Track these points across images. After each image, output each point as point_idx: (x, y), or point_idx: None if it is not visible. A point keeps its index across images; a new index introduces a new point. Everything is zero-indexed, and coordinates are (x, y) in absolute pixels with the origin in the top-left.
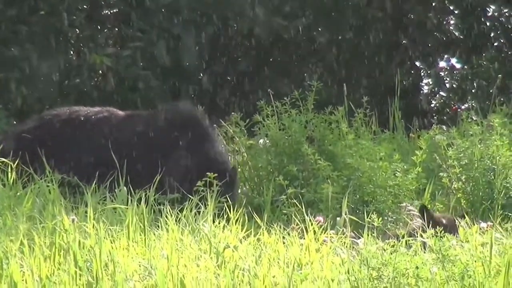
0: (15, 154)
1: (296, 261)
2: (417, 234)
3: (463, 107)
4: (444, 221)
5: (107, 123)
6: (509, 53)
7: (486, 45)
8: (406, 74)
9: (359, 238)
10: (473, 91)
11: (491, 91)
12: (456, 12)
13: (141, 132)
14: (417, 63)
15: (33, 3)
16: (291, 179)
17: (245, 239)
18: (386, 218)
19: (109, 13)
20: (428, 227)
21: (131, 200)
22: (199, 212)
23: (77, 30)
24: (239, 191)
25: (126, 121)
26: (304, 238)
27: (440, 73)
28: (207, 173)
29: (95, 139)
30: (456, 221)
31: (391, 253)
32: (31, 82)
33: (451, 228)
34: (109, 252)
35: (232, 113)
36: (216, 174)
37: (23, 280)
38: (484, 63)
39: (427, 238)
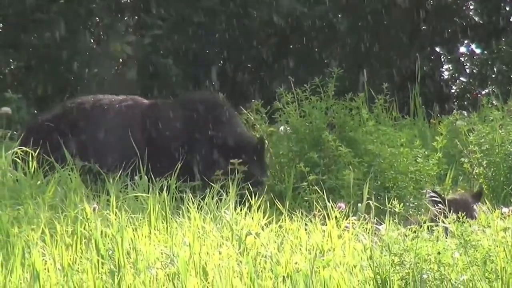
0: (37, 143)
1: (318, 247)
2: (438, 219)
3: (483, 92)
4: (457, 201)
5: (131, 111)
6: None
7: (506, 30)
8: (426, 60)
9: (381, 224)
10: (493, 76)
11: (511, 76)
12: None
13: (164, 120)
14: (437, 49)
15: None
16: (312, 166)
17: (267, 226)
18: (407, 204)
19: (129, 1)
20: (444, 209)
21: (153, 188)
22: (221, 200)
23: (97, 18)
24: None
25: (150, 109)
26: (326, 225)
27: (460, 58)
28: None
29: (119, 128)
30: (471, 198)
31: (413, 239)
32: (51, 71)
33: (465, 206)
34: (131, 240)
35: (253, 100)
36: (240, 160)
37: (45, 269)
38: (504, 48)
39: (449, 223)
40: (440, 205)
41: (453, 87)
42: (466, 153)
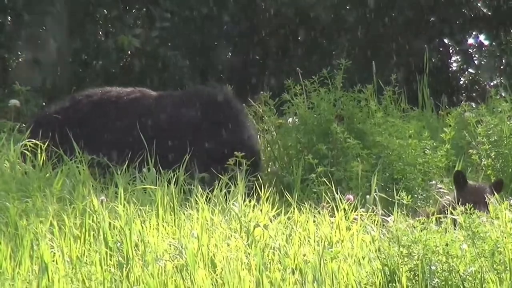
0: (46, 135)
1: (326, 239)
2: (447, 211)
3: (491, 83)
4: (476, 190)
5: (139, 104)
6: None
7: None
8: (435, 51)
9: (389, 216)
10: (501, 67)
11: None
12: None
13: (172, 112)
14: (446, 40)
15: None
16: (320, 157)
17: (275, 218)
18: (415, 195)
19: None
20: (460, 194)
21: (161, 181)
22: (229, 192)
23: (105, 10)
24: (263, 174)
25: (157, 101)
26: (334, 217)
27: (469, 50)
28: (234, 154)
29: (127, 120)
30: (489, 189)
31: (421, 231)
32: (59, 63)
33: (482, 198)
34: (139, 232)
35: (261, 92)
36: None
37: (53, 261)
38: None
39: (457, 215)
40: (448, 196)
41: (462, 78)
42: (474, 145)
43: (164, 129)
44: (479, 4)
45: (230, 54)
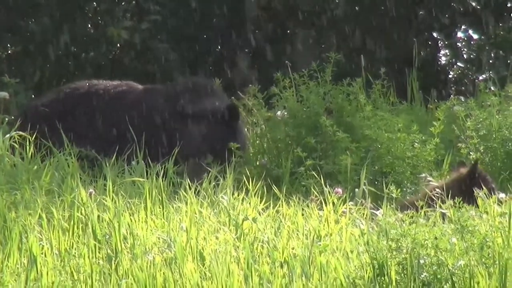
0: (34, 127)
1: (315, 232)
2: (435, 204)
3: (480, 77)
4: (491, 184)
5: (126, 97)
6: None
7: (503, 15)
8: (424, 45)
9: (378, 209)
10: (490, 61)
11: (508, 61)
12: None
13: (159, 106)
14: (435, 34)
15: None
16: (309, 151)
17: (264, 211)
18: (404, 189)
19: None
20: (475, 185)
21: (150, 173)
22: (217, 185)
23: (94, 3)
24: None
25: (144, 95)
26: (323, 210)
27: (458, 43)
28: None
29: (114, 113)
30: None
31: (410, 224)
32: (49, 56)
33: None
34: (128, 225)
35: (250, 85)
36: (238, 146)
37: (42, 254)
38: (502, 33)
39: (446, 208)
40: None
41: (451, 72)
42: (463, 139)
43: (152, 121)
44: None
45: (219, 47)
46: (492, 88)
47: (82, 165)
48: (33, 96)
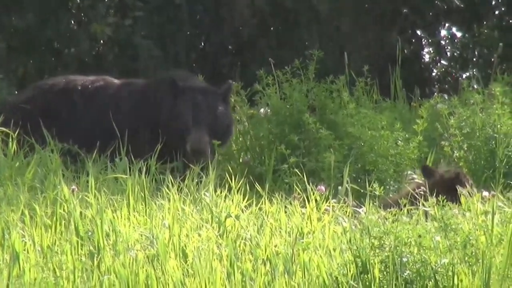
0: (15, 124)
1: (298, 230)
2: (418, 202)
3: (464, 75)
4: (447, 176)
5: (104, 92)
6: (510, 21)
7: (487, 13)
8: (407, 43)
9: (361, 207)
10: (474, 59)
11: (492, 59)
12: None
13: (137, 100)
14: (418, 32)
15: None
16: (292, 148)
17: (246, 209)
18: (388, 187)
19: None
20: (432, 183)
21: (132, 170)
22: (200, 182)
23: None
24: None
25: (122, 89)
26: (305, 207)
27: (441, 41)
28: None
29: (93, 108)
30: (462, 174)
31: (393, 222)
32: (32, 52)
33: (456, 182)
34: (110, 222)
35: (233, 82)
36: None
37: (24, 250)
38: (486, 31)
39: (429, 206)
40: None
41: (434, 70)
42: (446, 137)
43: (129, 117)
44: None
45: (202, 44)
46: (476, 86)
47: (64, 161)
48: (16, 92)
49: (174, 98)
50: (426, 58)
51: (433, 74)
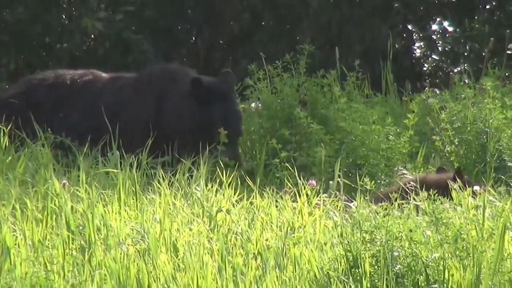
0: (5, 119)
1: (289, 224)
2: (409, 196)
3: (455, 70)
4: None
5: (93, 86)
6: (501, 15)
7: (478, 8)
8: (399, 38)
9: (352, 201)
10: (465, 54)
11: (483, 54)
12: None
13: (129, 93)
14: (409, 27)
15: None
16: (283, 142)
17: (238, 203)
18: (379, 181)
19: None
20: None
21: (123, 164)
22: (191, 176)
23: None
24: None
25: (111, 83)
26: (297, 202)
27: (432, 36)
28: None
29: (82, 103)
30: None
31: (384, 216)
32: (23, 46)
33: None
34: (101, 216)
35: None
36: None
37: (15, 245)
38: (477, 26)
39: (420, 201)
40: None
41: (425, 64)
42: (437, 131)
43: (119, 110)
44: None
45: (193, 39)
46: (467, 81)
47: (55, 155)
48: (7, 86)
49: (199, 100)
50: (417, 52)
51: (424, 68)
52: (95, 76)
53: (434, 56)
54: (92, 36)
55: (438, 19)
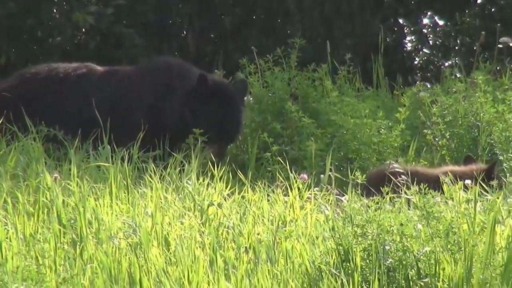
0: None
1: (280, 218)
2: (401, 190)
3: (446, 64)
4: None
5: (87, 80)
6: (492, 9)
7: (469, 2)
8: (390, 31)
9: (344, 195)
10: (456, 48)
11: (474, 48)
12: None
13: (122, 87)
14: (400, 20)
15: None
16: (275, 136)
17: (229, 197)
18: None
19: None
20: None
21: (115, 158)
22: (183, 170)
23: None
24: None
25: (105, 76)
26: (288, 196)
27: (423, 30)
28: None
29: (76, 96)
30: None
31: (376, 210)
32: (14, 40)
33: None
34: (93, 210)
35: (216, 70)
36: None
37: (7, 238)
38: (468, 20)
39: (411, 195)
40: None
41: (416, 58)
42: (429, 125)
43: (113, 104)
44: None
45: (184, 32)
46: (458, 75)
47: (47, 149)
48: None
49: (202, 96)
50: (409, 46)
51: (415, 62)
52: (89, 69)
53: (425, 50)
54: (83, 30)
55: (429, 13)
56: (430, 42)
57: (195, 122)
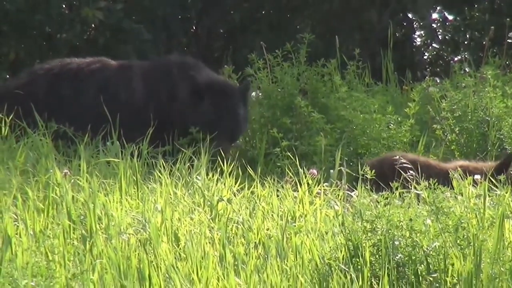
0: (9, 109)
1: (290, 213)
2: (410, 185)
3: (456, 58)
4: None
5: (100, 75)
6: (501, 4)
7: None
8: (399, 26)
9: (353, 190)
10: (465, 42)
11: (483, 42)
12: None
13: (135, 82)
14: (410, 15)
15: None
16: (284, 131)
17: (239, 192)
18: None
19: None
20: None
21: (124, 154)
22: (192, 165)
23: None
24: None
25: (119, 71)
26: (298, 191)
27: (433, 25)
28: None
29: (89, 92)
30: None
31: (385, 206)
32: (23, 36)
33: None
34: (103, 206)
35: (225, 66)
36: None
37: (17, 234)
38: (477, 14)
39: (421, 190)
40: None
41: (426, 53)
42: (438, 120)
43: (127, 99)
44: None
45: (194, 28)
46: (467, 70)
47: (57, 145)
48: (7, 76)
49: (199, 95)
50: (418, 41)
51: (425, 57)
52: (103, 64)
53: (434, 45)
54: (92, 25)
55: (438, 8)
56: (440, 37)
57: (196, 120)
